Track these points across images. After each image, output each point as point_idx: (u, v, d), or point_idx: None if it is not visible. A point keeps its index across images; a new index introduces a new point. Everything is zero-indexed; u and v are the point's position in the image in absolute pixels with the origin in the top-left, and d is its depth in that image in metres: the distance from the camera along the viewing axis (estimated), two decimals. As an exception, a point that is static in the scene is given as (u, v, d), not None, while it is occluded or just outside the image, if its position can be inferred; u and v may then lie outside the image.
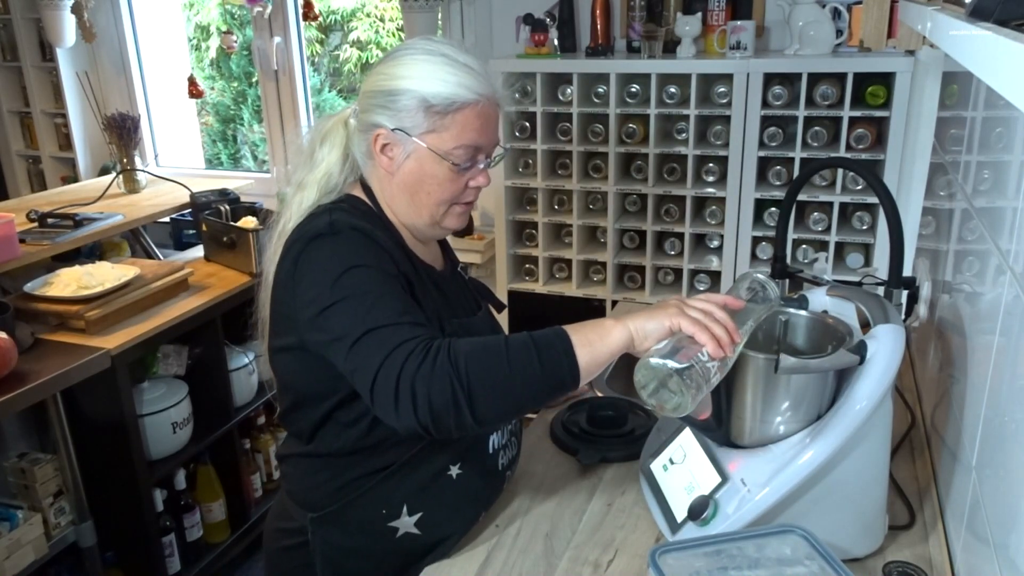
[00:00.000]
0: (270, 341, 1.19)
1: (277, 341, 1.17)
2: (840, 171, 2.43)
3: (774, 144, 2.44)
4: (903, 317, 1.30)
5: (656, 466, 1.20)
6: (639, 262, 2.74)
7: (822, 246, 2.52)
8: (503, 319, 2.92)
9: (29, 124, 3.96)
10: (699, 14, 2.54)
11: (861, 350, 1.02)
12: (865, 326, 1.09)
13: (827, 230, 2.46)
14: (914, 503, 1.22)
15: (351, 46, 5.43)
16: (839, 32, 2.42)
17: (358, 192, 1.20)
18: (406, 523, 1.16)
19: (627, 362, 1.83)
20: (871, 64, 2.30)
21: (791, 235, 2.49)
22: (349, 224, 1.09)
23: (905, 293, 1.27)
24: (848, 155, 2.37)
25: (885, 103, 2.32)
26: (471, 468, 1.18)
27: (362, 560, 1.19)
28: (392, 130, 1.12)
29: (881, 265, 2.36)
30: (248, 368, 2.54)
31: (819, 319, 1.13)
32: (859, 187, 2.41)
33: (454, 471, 1.17)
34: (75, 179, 3.84)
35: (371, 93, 1.14)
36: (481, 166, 1.16)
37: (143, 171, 3.26)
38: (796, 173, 2.44)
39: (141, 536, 2.27)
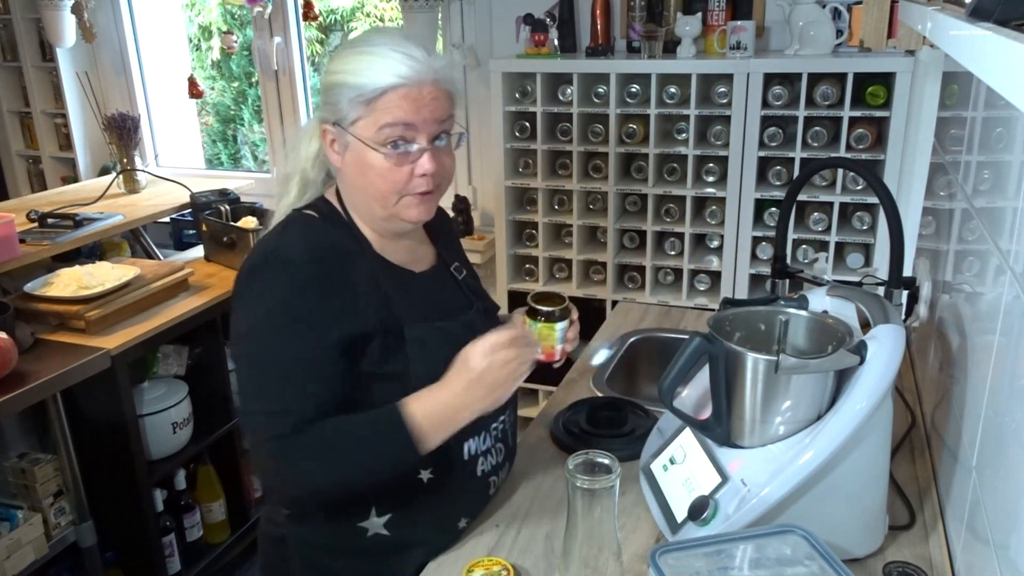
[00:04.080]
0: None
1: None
2: (840, 171, 2.43)
3: (774, 144, 2.44)
4: (903, 317, 1.30)
5: (656, 466, 1.20)
6: (639, 262, 2.74)
7: (822, 246, 2.52)
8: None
9: (29, 124, 3.96)
10: (699, 14, 2.54)
11: (861, 350, 1.02)
12: (865, 326, 1.09)
13: (827, 230, 2.46)
14: (914, 503, 1.22)
15: (351, 46, 5.42)
16: (839, 32, 2.42)
17: (331, 195, 1.20)
18: (375, 524, 1.17)
19: (627, 362, 1.83)
20: (871, 64, 2.30)
21: (791, 235, 2.49)
22: (282, 259, 1.09)
23: (905, 293, 1.27)
24: (848, 155, 2.37)
25: (885, 103, 2.32)
26: (443, 473, 1.17)
27: (335, 558, 1.20)
28: (332, 124, 1.12)
29: (881, 265, 2.36)
30: (248, 368, 2.53)
31: (819, 319, 1.13)
32: (859, 187, 2.41)
33: (424, 475, 1.16)
34: (75, 179, 3.84)
35: (321, 91, 1.16)
36: (414, 148, 1.10)
37: (143, 171, 3.27)
38: (796, 173, 2.44)
39: (141, 536, 2.27)
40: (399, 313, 1.13)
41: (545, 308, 1.16)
